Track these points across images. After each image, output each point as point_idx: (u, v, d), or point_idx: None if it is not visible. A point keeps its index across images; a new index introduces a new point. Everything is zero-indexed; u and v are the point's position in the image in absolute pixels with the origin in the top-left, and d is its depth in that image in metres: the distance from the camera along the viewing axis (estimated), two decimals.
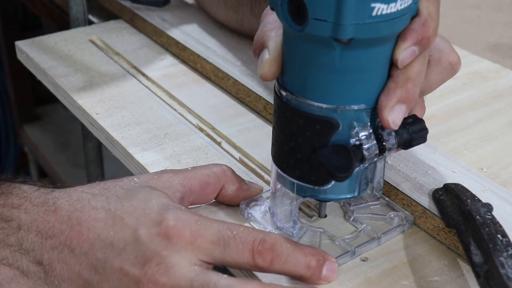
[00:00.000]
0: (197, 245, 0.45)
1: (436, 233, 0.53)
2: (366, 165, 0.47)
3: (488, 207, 0.50)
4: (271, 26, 0.49)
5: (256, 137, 0.65)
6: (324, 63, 0.44)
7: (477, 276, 0.47)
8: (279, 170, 0.50)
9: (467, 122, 0.69)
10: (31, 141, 1.76)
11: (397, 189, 0.55)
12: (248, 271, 0.49)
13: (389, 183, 0.56)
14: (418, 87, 0.47)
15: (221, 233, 0.46)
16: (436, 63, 0.51)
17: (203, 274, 0.44)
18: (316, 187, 0.48)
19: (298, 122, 0.46)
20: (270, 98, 0.67)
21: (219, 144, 0.64)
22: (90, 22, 0.93)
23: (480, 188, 0.56)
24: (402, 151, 0.59)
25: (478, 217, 0.49)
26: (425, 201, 0.54)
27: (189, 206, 0.53)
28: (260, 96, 0.68)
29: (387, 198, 0.56)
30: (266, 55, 0.47)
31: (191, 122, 0.68)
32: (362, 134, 0.46)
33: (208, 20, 0.85)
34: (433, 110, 0.71)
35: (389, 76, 0.46)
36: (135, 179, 0.51)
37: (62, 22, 1.03)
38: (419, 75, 0.47)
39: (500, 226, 0.48)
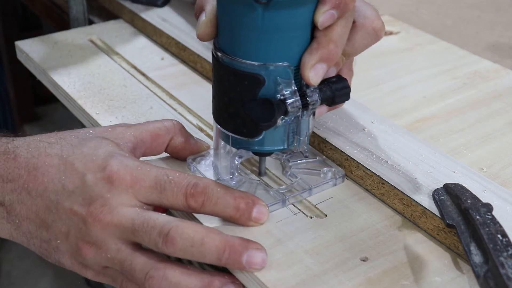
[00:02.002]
0: (137, 188, 0.50)
1: (436, 233, 0.53)
2: (292, 118, 0.52)
3: (488, 207, 0.50)
4: None
5: None
6: (248, 23, 0.49)
7: (477, 276, 0.47)
8: (217, 126, 0.55)
9: (467, 122, 0.69)
10: None
11: (397, 189, 0.56)
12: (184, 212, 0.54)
13: (389, 183, 0.56)
14: (339, 48, 0.51)
15: (158, 178, 0.51)
16: (360, 28, 0.55)
17: (143, 213, 0.49)
18: (249, 139, 0.53)
19: (230, 79, 0.51)
20: None
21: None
22: (90, 22, 0.93)
23: (480, 188, 0.56)
24: (401, 151, 0.60)
25: (478, 217, 0.49)
26: (425, 201, 0.54)
27: (142, 158, 0.57)
28: None
29: (324, 156, 0.61)
30: (203, 17, 0.52)
31: (191, 122, 0.68)
32: (287, 90, 0.50)
33: None
34: (433, 110, 0.71)
35: (313, 37, 0.51)
36: (91, 131, 0.55)
37: (62, 22, 1.03)
38: (340, 37, 0.51)
39: (500, 226, 0.48)
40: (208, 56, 0.75)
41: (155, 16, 0.85)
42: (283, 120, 0.51)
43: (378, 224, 0.55)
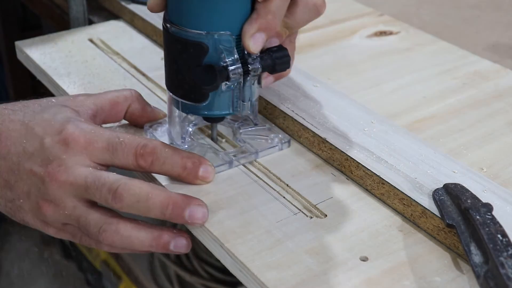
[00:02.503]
0: (90, 150, 0.54)
1: (436, 233, 0.53)
2: (235, 84, 0.56)
3: (488, 207, 0.50)
4: None
5: None
6: None
7: (477, 276, 0.47)
8: (169, 93, 0.59)
9: (467, 122, 0.69)
10: None
11: (397, 189, 0.56)
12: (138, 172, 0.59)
13: (389, 183, 0.56)
14: (277, 19, 0.55)
15: (110, 139, 0.55)
16: (301, 3, 0.58)
17: (95, 172, 0.54)
18: (197, 104, 0.57)
19: (177, 47, 0.55)
20: (270, 98, 0.67)
21: (219, 144, 0.64)
22: (90, 22, 0.93)
23: (480, 188, 0.56)
24: (401, 151, 0.60)
25: (478, 217, 0.49)
26: (425, 201, 0.54)
27: (103, 125, 0.61)
28: (260, 96, 0.67)
29: (273, 125, 0.66)
30: None
31: None
32: (229, 58, 0.55)
33: None
34: (433, 110, 0.71)
35: (253, 9, 0.55)
36: (53, 100, 0.60)
37: (62, 22, 1.03)
38: (278, 9, 0.55)
39: (500, 226, 0.48)
40: None
41: (155, 16, 0.85)
42: (227, 86, 0.55)
43: (378, 224, 0.55)
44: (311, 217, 0.55)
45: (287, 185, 0.58)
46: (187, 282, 1.19)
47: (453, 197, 0.53)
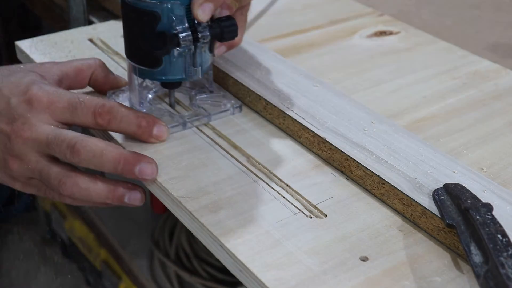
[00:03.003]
0: (53, 109, 0.59)
1: (436, 233, 0.53)
2: (186, 50, 0.60)
3: (488, 207, 0.50)
4: None
5: (256, 137, 0.65)
6: None
7: (477, 276, 0.47)
8: (128, 60, 0.64)
9: (467, 122, 0.69)
10: None
11: (397, 189, 0.56)
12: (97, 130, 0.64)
13: (389, 183, 0.56)
14: None
15: (71, 100, 0.59)
16: None
17: (56, 130, 0.58)
18: (152, 70, 0.62)
19: (132, 16, 0.60)
20: (270, 98, 0.67)
21: (218, 143, 0.64)
22: (90, 22, 0.93)
23: (480, 188, 0.56)
24: (401, 151, 0.60)
25: (478, 217, 0.49)
26: (425, 201, 0.54)
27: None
28: (260, 96, 0.68)
29: (227, 92, 0.71)
30: None
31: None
32: (180, 26, 0.59)
33: None
34: (433, 110, 0.71)
35: None
36: (22, 66, 0.65)
37: (62, 22, 1.03)
38: None
39: (500, 226, 0.48)
40: None
41: None
42: (178, 52, 0.60)
43: (378, 224, 0.55)
44: (311, 217, 0.55)
45: (287, 185, 0.59)
46: (187, 282, 1.19)
47: (453, 197, 0.53)
